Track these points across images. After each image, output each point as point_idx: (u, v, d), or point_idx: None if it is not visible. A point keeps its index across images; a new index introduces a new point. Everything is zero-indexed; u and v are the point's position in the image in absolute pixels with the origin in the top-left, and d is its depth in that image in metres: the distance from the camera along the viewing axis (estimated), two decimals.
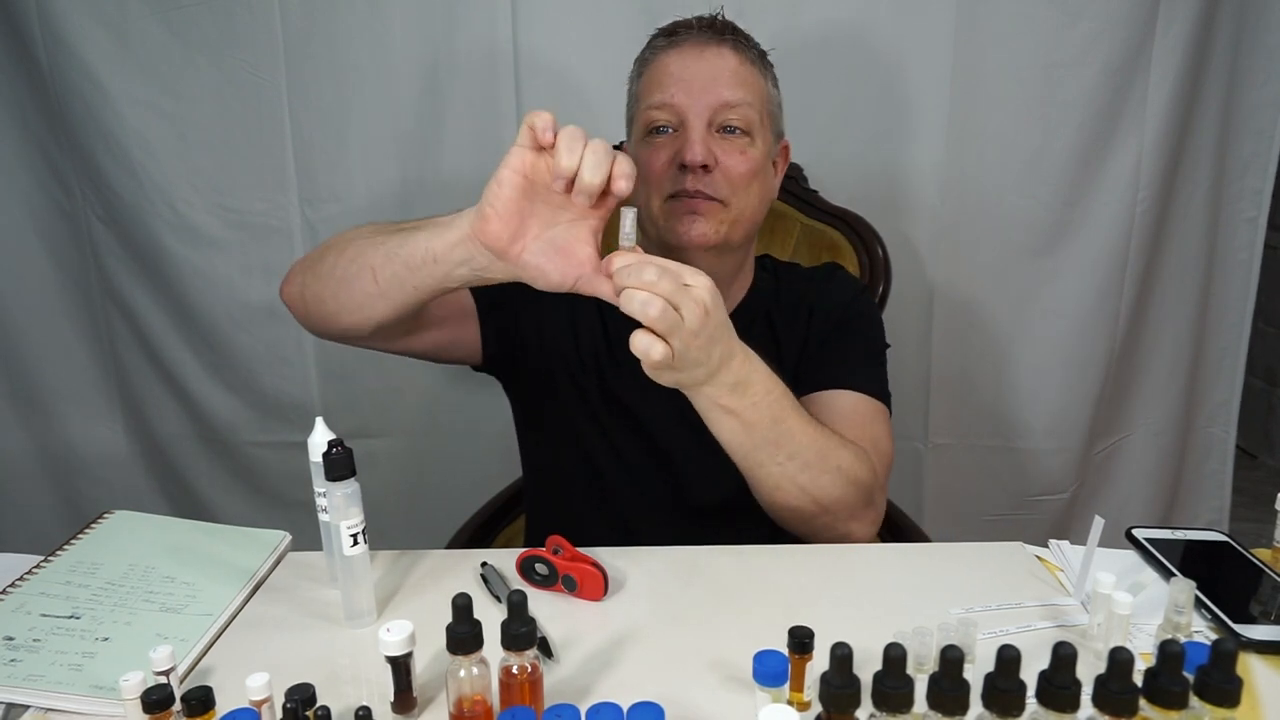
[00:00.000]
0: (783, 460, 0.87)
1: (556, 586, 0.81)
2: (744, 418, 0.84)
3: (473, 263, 0.80)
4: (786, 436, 0.86)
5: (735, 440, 0.86)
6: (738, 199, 0.97)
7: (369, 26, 1.52)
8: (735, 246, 1.02)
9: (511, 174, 0.76)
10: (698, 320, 0.75)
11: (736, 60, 0.97)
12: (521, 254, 0.79)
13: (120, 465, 1.80)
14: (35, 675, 0.69)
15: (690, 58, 0.97)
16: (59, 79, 1.55)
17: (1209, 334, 1.73)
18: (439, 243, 0.81)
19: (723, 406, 0.83)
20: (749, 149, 0.97)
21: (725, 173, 0.96)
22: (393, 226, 0.87)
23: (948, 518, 1.74)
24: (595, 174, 0.73)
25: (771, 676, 0.62)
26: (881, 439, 1.00)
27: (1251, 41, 1.55)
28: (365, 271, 0.86)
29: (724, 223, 0.97)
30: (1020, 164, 1.56)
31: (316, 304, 0.93)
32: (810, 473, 0.88)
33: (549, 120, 0.74)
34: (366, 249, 0.86)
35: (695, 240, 0.96)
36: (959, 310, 1.64)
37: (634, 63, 1.04)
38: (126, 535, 0.90)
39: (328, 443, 0.74)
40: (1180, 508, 1.81)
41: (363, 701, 0.61)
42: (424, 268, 0.82)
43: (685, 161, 0.94)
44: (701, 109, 0.95)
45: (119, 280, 1.67)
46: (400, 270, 0.83)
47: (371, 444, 1.68)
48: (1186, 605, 0.67)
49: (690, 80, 0.95)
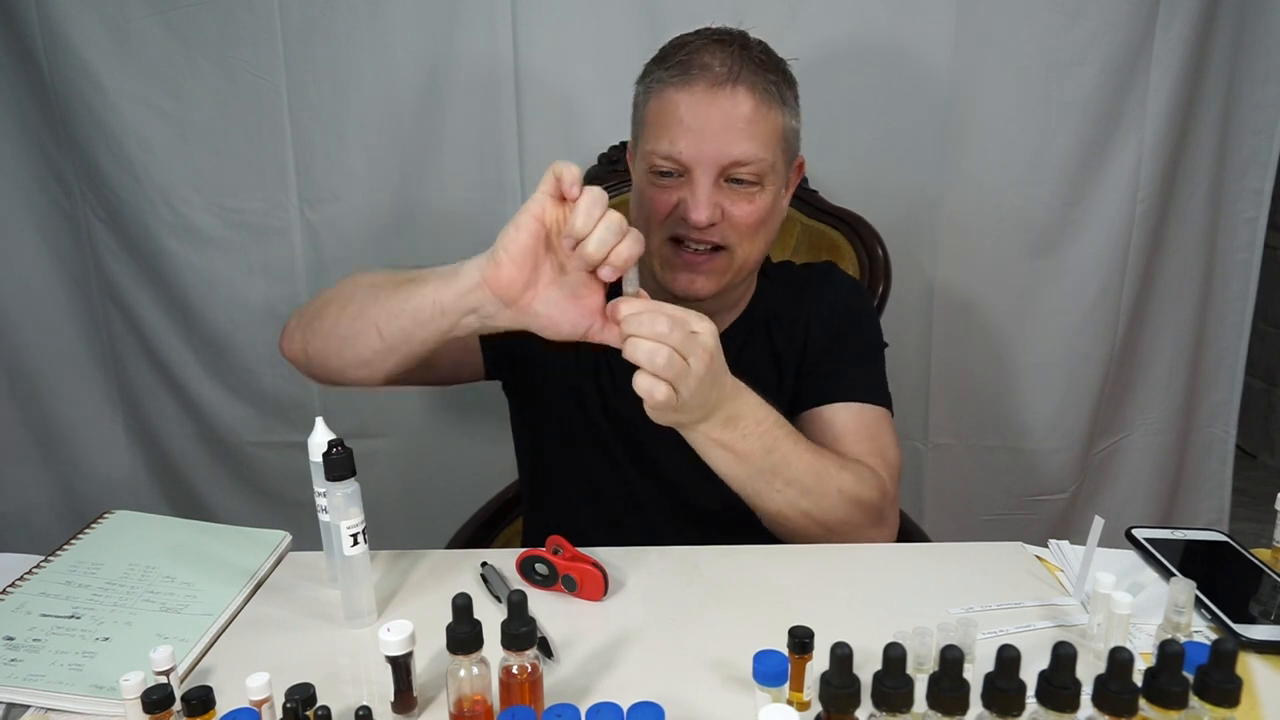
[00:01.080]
0: (780, 487, 0.88)
1: (556, 586, 0.81)
2: (736, 449, 0.85)
3: (481, 311, 0.79)
4: (782, 464, 0.87)
5: (730, 471, 0.87)
6: (743, 246, 0.95)
7: (369, 27, 1.52)
8: (736, 286, 1.01)
9: (531, 219, 0.75)
10: (704, 367, 0.76)
11: (752, 105, 0.91)
12: (532, 303, 0.78)
13: (120, 465, 1.80)
14: (35, 675, 0.69)
15: (701, 103, 0.91)
16: (59, 79, 1.55)
17: (1209, 334, 1.72)
18: (447, 293, 0.79)
19: (715, 440, 0.84)
20: (758, 196, 0.94)
21: (732, 222, 0.94)
22: (392, 278, 0.85)
23: (948, 518, 1.74)
24: (599, 249, 0.73)
25: (771, 676, 0.62)
26: (888, 447, 1.00)
27: (1251, 41, 1.55)
28: (369, 329, 0.84)
29: (725, 272, 0.96)
30: (1020, 164, 1.56)
31: (321, 361, 0.91)
32: (811, 497, 0.88)
33: (577, 175, 0.73)
34: (368, 305, 0.85)
35: (694, 295, 0.96)
36: (959, 310, 1.64)
37: (643, 75, 0.99)
38: (126, 535, 0.91)
39: (328, 443, 0.74)
40: (1180, 508, 1.81)
41: (363, 701, 0.61)
42: (432, 321, 0.81)
43: (690, 221, 0.92)
44: (710, 165, 0.91)
45: (119, 280, 1.67)
46: (408, 325, 0.82)
47: (371, 444, 1.68)
48: (1186, 605, 0.67)
49: (700, 131, 0.90)
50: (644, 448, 1.05)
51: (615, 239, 0.73)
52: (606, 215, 0.73)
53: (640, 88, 0.99)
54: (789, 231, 1.38)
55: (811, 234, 1.38)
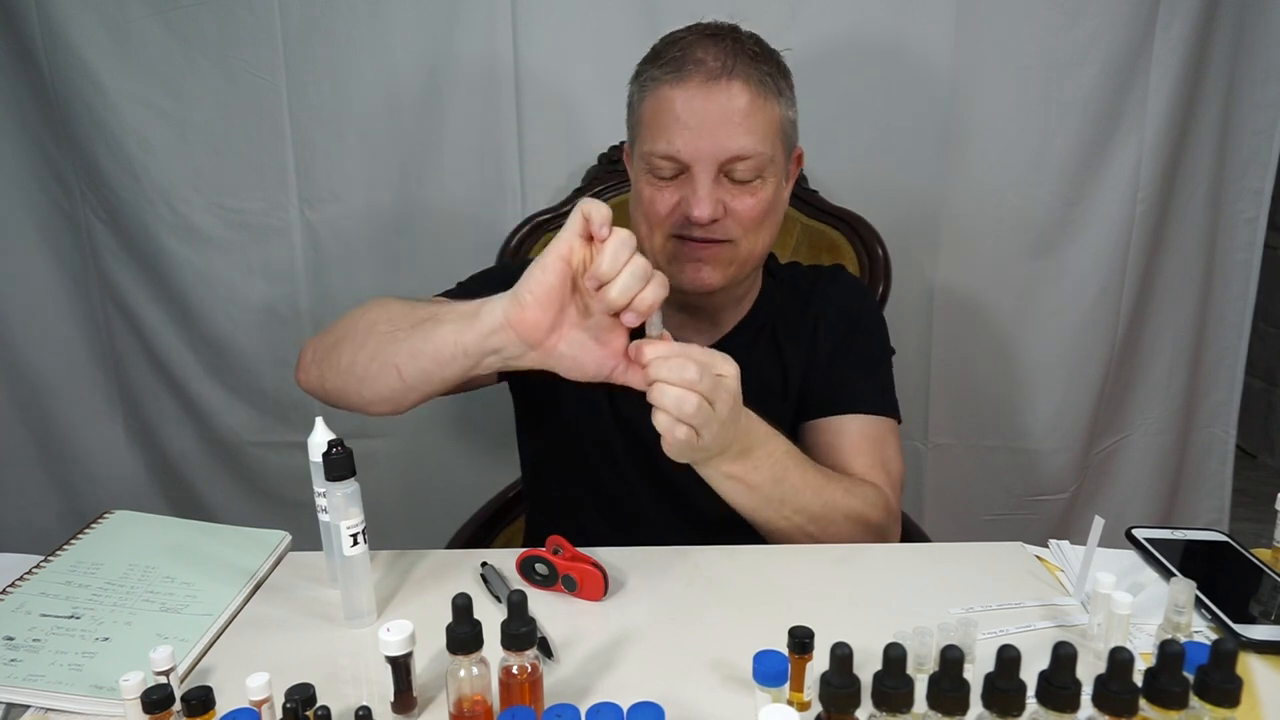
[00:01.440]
0: (789, 514, 0.89)
1: (556, 586, 0.81)
2: (747, 481, 0.86)
3: (504, 352, 0.77)
4: (791, 493, 0.88)
5: (740, 501, 0.88)
6: (747, 239, 0.95)
7: (369, 27, 1.52)
8: (743, 279, 1.00)
9: (558, 260, 0.72)
10: (727, 410, 0.77)
11: (747, 98, 0.90)
12: (557, 345, 0.76)
13: (120, 465, 1.80)
14: (35, 675, 0.69)
15: (697, 99, 0.90)
16: (59, 79, 1.55)
17: (1209, 334, 1.72)
18: (469, 335, 0.77)
19: (727, 473, 0.85)
20: (759, 190, 0.93)
21: (735, 217, 0.93)
22: (408, 314, 0.84)
23: (948, 518, 1.74)
24: (623, 296, 0.71)
25: (771, 676, 0.62)
26: (892, 460, 1.01)
27: (1251, 41, 1.55)
28: (389, 370, 0.83)
29: (731, 264, 0.95)
30: (1020, 164, 1.56)
31: (340, 397, 0.91)
32: (819, 524, 0.90)
33: (606, 215, 0.71)
34: (386, 345, 0.83)
35: (701, 287, 0.95)
36: (959, 310, 1.64)
37: (636, 70, 0.99)
38: (126, 535, 0.90)
39: (328, 443, 0.74)
40: (1180, 508, 1.81)
41: (363, 701, 0.61)
42: (454, 361, 0.79)
43: (692, 219, 0.91)
44: (709, 162, 0.90)
45: (119, 280, 1.67)
46: (428, 366, 0.81)
47: (371, 444, 1.68)
48: (1186, 605, 0.67)
49: (697, 128, 0.90)
50: (652, 454, 1.04)
51: (639, 285, 0.71)
52: (632, 260, 0.71)
53: (634, 87, 0.98)
54: (789, 231, 1.38)
55: (811, 234, 1.38)
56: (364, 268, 1.63)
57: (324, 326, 0.94)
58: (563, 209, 1.39)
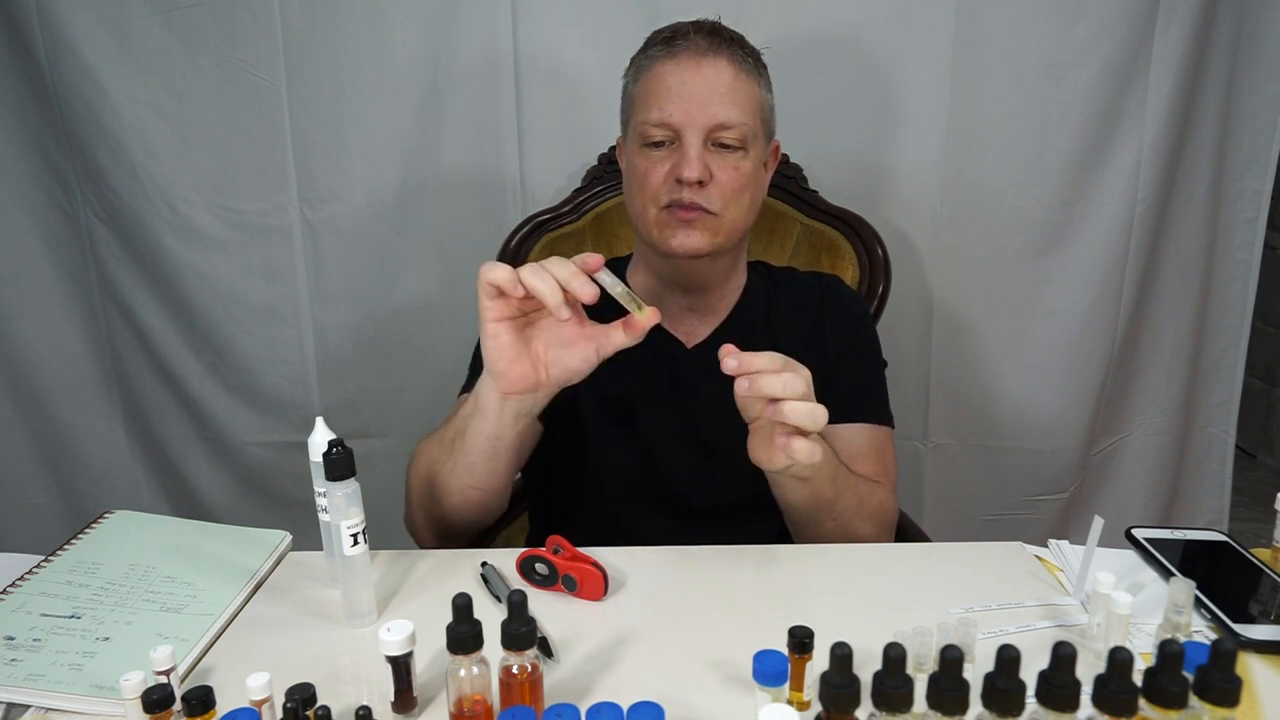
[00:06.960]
0: (836, 515, 0.92)
1: (556, 586, 0.81)
2: (814, 483, 0.88)
3: (520, 408, 0.86)
4: (836, 496, 0.91)
5: (801, 502, 0.90)
6: (730, 210, 1.00)
7: (369, 27, 1.52)
8: (726, 251, 1.04)
9: (492, 326, 0.81)
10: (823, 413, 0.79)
11: (732, 72, 0.98)
12: (549, 372, 0.84)
13: (120, 465, 1.80)
14: (35, 675, 0.69)
15: (688, 70, 0.97)
16: (59, 79, 1.55)
17: (1209, 334, 1.73)
18: (490, 423, 0.86)
19: (801, 476, 0.86)
20: (742, 162, 0.99)
21: (719, 186, 0.98)
22: (443, 443, 0.93)
23: (948, 518, 1.74)
24: (554, 295, 0.76)
25: (771, 676, 0.62)
26: (891, 465, 1.07)
27: (1251, 41, 1.55)
28: (467, 492, 0.92)
29: (717, 233, 1.00)
30: (1020, 164, 1.56)
31: (461, 537, 0.99)
32: (855, 522, 0.94)
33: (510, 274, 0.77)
34: (448, 478, 0.92)
35: (689, 251, 0.99)
36: (959, 310, 1.64)
37: (630, 62, 1.05)
38: (126, 535, 0.91)
39: (328, 443, 0.74)
40: (1180, 508, 1.81)
41: (363, 701, 0.61)
42: (497, 443, 0.88)
43: (682, 178, 0.97)
44: (698, 128, 0.97)
45: (119, 280, 1.67)
46: (482, 463, 0.90)
47: (371, 444, 1.68)
48: (1186, 605, 0.67)
49: (687, 96, 0.97)
50: (647, 443, 1.07)
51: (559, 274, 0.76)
52: (537, 270, 0.77)
53: (628, 77, 1.05)
54: (789, 231, 1.38)
55: (811, 234, 1.38)
56: (364, 268, 1.63)
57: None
58: (563, 209, 1.39)
